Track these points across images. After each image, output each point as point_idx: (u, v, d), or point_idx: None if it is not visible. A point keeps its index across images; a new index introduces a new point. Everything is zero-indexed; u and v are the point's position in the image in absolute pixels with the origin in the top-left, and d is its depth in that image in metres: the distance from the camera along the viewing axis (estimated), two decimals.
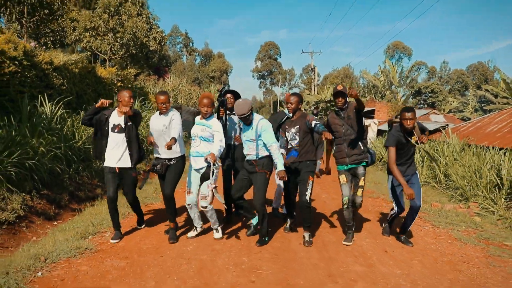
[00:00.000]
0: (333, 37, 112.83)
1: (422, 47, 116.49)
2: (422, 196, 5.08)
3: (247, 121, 4.93)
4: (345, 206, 5.14)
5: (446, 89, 50.47)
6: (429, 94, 31.90)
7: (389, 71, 32.50)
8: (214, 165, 4.62)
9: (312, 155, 5.16)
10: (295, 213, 5.69)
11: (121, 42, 16.02)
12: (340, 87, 5.12)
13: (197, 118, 5.10)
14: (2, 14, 10.81)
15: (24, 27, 11.13)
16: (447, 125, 16.42)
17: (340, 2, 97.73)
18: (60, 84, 10.59)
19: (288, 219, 5.69)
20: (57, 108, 9.13)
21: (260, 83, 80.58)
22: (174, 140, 4.66)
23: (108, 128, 5.00)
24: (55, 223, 6.09)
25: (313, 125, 4.85)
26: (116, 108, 5.08)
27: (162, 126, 4.98)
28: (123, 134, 5.00)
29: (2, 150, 6.11)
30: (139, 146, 5.18)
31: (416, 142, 4.85)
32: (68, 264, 4.14)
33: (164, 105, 4.98)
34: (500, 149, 8.31)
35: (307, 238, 5.14)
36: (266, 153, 4.95)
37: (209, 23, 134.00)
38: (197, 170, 4.97)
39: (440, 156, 9.30)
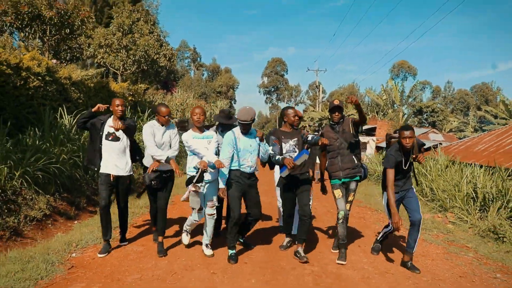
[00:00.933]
0: (340, 55, 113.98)
1: (427, 67, 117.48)
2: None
3: (248, 129, 4.88)
4: (340, 221, 5.02)
5: (448, 109, 51.16)
6: (430, 114, 32.62)
7: (391, 90, 33.32)
8: (204, 171, 4.68)
9: (307, 168, 5.19)
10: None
11: (133, 59, 17.02)
12: (337, 102, 5.13)
13: (190, 133, 5.00)
14: (26, 33, 11.74)
15: (46, 45, 12.08)
16: (440, 143, 17.18)
17: (346, 20, 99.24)
18: (77, 97, 11.45)
19: (285, 237, 5.62)
20: (75, 120, 9.98)
21: (267, 98, 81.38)
22: (175, 164, 4.88)
23: (102, 135, 5.02)
24: (75, 222, 6.85)
25: (309, 138, 4.97)
26: (113, 116, 5.09)
27: (168, 138, 5.07)
28: (118, 143, 5.04)
29: (30, 157, 6.91)
30: (138, 152, 5.36)
31: (414, 160, 4.83)
32: (95, 248, 5.07)
33: (167, 117, 5.04)
34: (481, 166, 9.03)
35: (301, 253, 5.02)
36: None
37: (217, 38, 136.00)
38: (209, 182, 4.97)
39: (426, 172, 10.02)
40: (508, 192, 6.99)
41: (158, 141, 4.97)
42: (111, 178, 5.00)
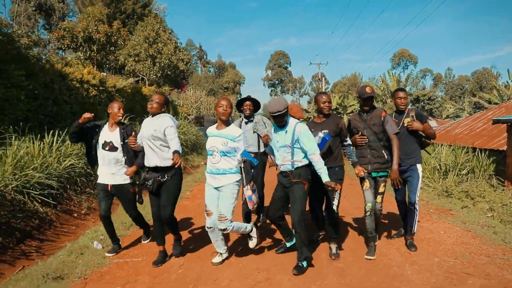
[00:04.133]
0: (343, 45, 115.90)
1: (428, 55, 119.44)
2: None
3: (281, 121, 4.41)
4: (368, 214, 4.87)
5: (447, 96, 53.23)
6: (427, 101, 34.83)
7: (389, 80, 35.55)
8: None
9: (341, 160, 4.92)
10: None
11: (158, 66, 19.59)
12: (369, 90, 4.78)
13: (212, 129, 4.66)
14: (80, 52, 14.36)
15: (94, 60, 14.70)
16: None
17: (350, 9, 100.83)
18: (120, 102, 14.02)
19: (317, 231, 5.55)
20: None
21: (271, 91, 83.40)
22: (177, 155, 4.19)
23: (97, 143, 4.84)
24: None
25: (347, 141, 4.94)
26: (107, 123, 4.95)
27: (153, 131, 4.54)
28: (115, 153, 4.81)
29: None
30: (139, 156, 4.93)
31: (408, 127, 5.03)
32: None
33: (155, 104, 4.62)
34: (449, 146, 11.42)
35: (334, 251, 4.91)
36: (303, 163, 4.45)
37: (220, 32, 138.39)
38: (217, 189, 4.54)
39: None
40: (459, 164, 9.46)
41: (142, 133, 4.72)
42: (109, 188, 4.89)
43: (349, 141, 4.95)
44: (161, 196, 4.63)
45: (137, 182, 4.95)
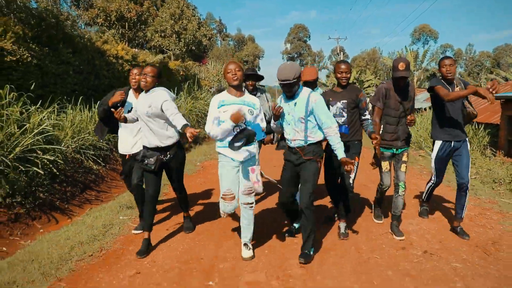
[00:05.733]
0: (363, 18, 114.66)
1: (449, 30, 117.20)
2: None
3: (290, 91, 3.91)
4: (382, 191, 4.99)
5: (465, 72, 53.08)
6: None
7: (406, 56, 35.95)
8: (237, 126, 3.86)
9: (360, 134, 4.66)
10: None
11: (183, 42, 20.72)
12: (402, 67, 4.40)
13: (228, 96, 4.00)
14: (110, 29, 15.58)
15: (125, 36, 15.91)
16: None
17: None
18: None
19: (334, 210, 5.22)
20: None
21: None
22: (189, 127, 3.81)
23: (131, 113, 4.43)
24: None
25: (367, 118, 4.54)
26: (131, 89, 4.84)
27: (148, 108, 4.13)
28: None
29: None
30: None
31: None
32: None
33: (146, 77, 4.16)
34: None
35: (342, 230, 4.68)
36: (317, 138, 4.03)
37: (238, 4, 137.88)
38: (241, 163, 4.01)
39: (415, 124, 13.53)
40: None
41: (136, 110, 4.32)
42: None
43: (367, 115, 4.59)
44: (171, 175, 4.53)
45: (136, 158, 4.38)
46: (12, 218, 5.13)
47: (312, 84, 4.93)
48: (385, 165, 4.75)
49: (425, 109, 17.97)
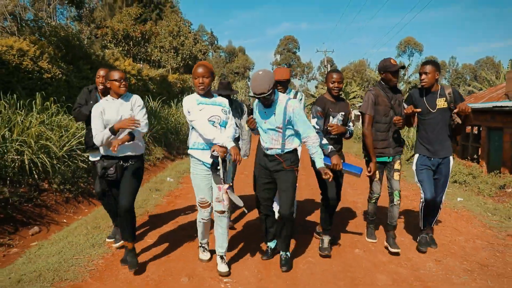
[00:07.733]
0: (352, 29, 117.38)
1: (434, 43, 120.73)
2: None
3: (268, 101, 3.71)
4: (373, 201, 4.67)
5: (447, 84, 55.35)
6: None
7: None
8: (224, 158, 3.64)
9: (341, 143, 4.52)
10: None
11: (181, 57, 22.43)
12: (394, 62, 4.32)
13: (199, 97, 3.79)
14: (119, 47, 17.26)
15: (130, 53, 17.59)
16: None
17: None
18: (152, 88, 16.86)
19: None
20: (157, 104, 15.36)
21: None
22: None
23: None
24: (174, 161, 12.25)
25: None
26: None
27: (121, 116, 3.82)
28: None
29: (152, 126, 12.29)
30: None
31: (451, 108, 4.25)
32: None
33: (124, 83, 3.91)
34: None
35: (325, 244, 4.42)
36: (294, 146, 3.90)
37: (230, 15, 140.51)
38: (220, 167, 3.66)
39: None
40: None
41: (108, 118, 3.82)
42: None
43: (351, 128, 4.51)
44: (123, 183, 3.86)
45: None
46: (64, 200, 6.69)
47: (284, 84, 4.69)
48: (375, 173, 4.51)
49: None
